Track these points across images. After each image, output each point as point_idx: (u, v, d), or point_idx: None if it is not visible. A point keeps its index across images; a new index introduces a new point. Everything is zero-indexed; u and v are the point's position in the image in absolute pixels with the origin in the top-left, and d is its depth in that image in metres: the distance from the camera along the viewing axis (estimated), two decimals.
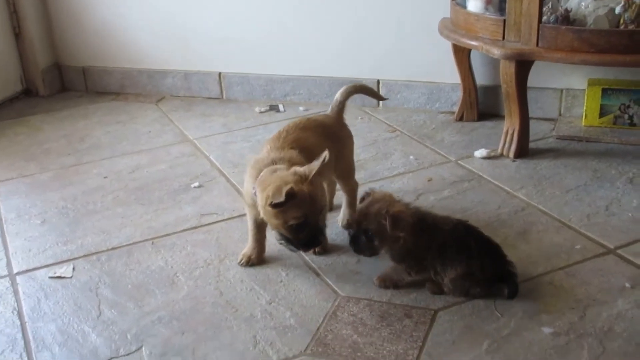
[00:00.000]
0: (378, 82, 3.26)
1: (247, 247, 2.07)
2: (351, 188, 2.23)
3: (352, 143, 2.26)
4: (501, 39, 2.59)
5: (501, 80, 2.63)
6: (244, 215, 2.23)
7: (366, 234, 1.82)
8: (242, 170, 2.63)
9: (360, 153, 2.75)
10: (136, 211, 2.43)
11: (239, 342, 1.74)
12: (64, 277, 2.06)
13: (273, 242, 2.07)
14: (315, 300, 1.89)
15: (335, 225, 2.23)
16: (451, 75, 3.07)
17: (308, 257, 2.05)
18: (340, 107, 2.23)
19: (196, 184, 2.60)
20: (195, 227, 2.29)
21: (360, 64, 3.27)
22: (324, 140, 2.07)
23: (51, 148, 3.05)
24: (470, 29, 2.71)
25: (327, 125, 2.17)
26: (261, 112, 3.33)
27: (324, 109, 2.17)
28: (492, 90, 3.07)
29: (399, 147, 2.84)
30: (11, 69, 3.66)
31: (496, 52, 2.56)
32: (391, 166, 2.67)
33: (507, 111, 2.68)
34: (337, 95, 2.24)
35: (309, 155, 1.95)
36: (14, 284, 2.05)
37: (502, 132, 2.71)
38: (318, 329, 1.77)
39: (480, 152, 2.69)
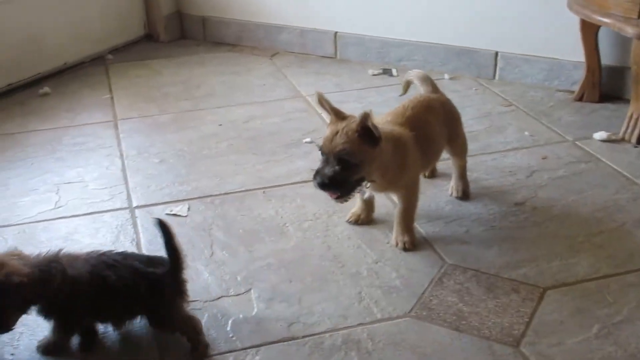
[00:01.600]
0: (496, 54, 3.19)
1: (356, 206, 2.09)
2: (464, 163, 2.21)
3: (461, 121, 2.22)
4: (636, 17, 2.47)
5: (631, 62, 2.52)
6: None
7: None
8: None
9: (472, 124, 2.72)
10: (249, 160, 2.49)
11: (344, 296, 1.78)
12: (179, 215, 2.15)
13: (383, 204, 2.08)
14: (421, 265, 1.90)
15: (446, 194, 2.22)
16: (574, 52, 2.96)
17: (416, 222, 2.05)
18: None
19: (308, 139, 2.64)
20: (306, 181, 2.33)
21: (478, 34, 3.19)
22: (443, 125, 2.06)
23: (169, 92, 3.15)
24: (602, 5, 2.59)
25: (445, 106, 2.13)
26: (374, 75, 3.32)
27: (438, 77, 2.14)
28: (618, 72, 2.94)
29: (514, 122, 2.78)
30: (135, 14, 3.79)
31: (630, 30, 2.45)
32: (505, 140, 2.62)
33: (634, 94, 2.57)
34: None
35: (425, 141, 1.94)
36: (133, 216, 2.15)
37: (626, 116, 2.61)
38: (423, 293, 1.78)
39: (600, 135, 2.60)
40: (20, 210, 2.19)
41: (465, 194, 2.19)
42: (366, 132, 1.71)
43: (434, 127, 2.02)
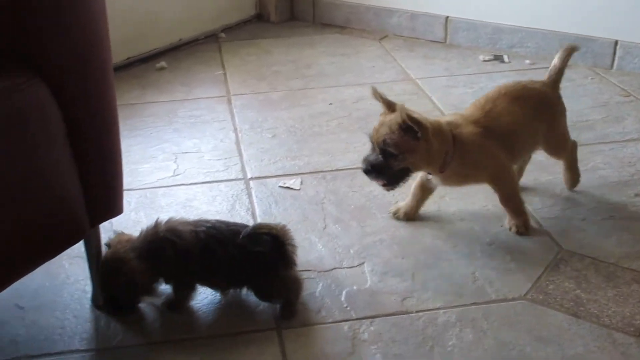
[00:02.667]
0: (615, 43, 3.08)
1: (405, 200, 2.04)
2: (566, 158, 2.11)
3: (564, 116, 2.06)
4: None
5: None
6: None
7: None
8: None
9: (588, 113, 2.64)
10: (359, 139, 2.51)
11: (457, 275, 1.77)
12: (292, 189, 2.19)
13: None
14: (536, 249, 1.87)
15: (562, 181, 2.17)
16: None
17: (531, 208, 2.02)
18: (559, 75, 2.02)
19: None
20: None
21: (596, 21, 3.09)
22: (532, 119, 1.93)
23: (280, 71, 3.21)
24: None
25: (543, 98, 1.98)
26: (484, 61, 3.27)
27: (549, 65, 2.07)
28: None
29: (633, 113, 2.68)
30: None
31: None
32: (623, 130, 2.54)
33: None
34: (556, 61, 2.02)
35: (506, 136, 1.87)
36: (247, 187, 2.21)
37: None
38: (539, 278, 1.75)
39: None
40: (141, 176, 2.29)
41: (572, 187, 2.12)
42: (409, 125, 1.72)
43: (520, 120, 1.90)
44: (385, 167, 1.78)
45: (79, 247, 1.78)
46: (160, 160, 2.41)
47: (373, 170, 1.79)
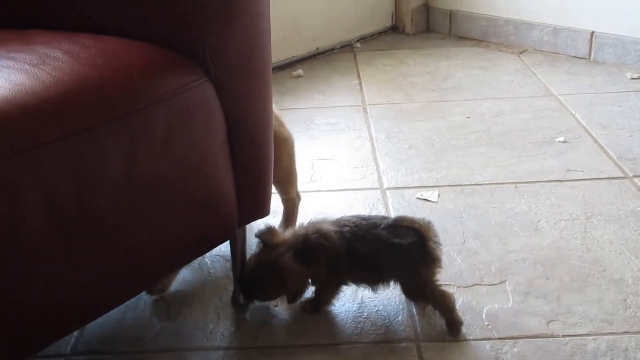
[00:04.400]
0: None
1: None
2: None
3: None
4: None
5: None
6: (613, 178, 2.16)
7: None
8: (611, 133, 2.53)
9: None
10: (499, 154, 2.45)
11: (607, 301, 1.68)
12: (429, 201, 2.16)
13: None
14: None
15: None
16: None
17: None
18: None
19: (561, 138, 2.53)
20: (560, 181, 2.24)
21: None
22: None
23: (416, 82, 3.18)
24: None
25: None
26: (633, 79, 3.11)
27: None
28: None
29: None
30: (385, 6, 3.88)
31: None
32: None
33: None
34: None
35: None
36: (384, 197, 2.20)
37: None
38: None
39: None
40: None
41: None
42: None
43: None
44: None
45: (221, 246, 1.84)
46: (297, 166, 2.44)
47: None
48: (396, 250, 1.56)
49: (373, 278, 1.64)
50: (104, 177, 1.17)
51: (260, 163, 1.51)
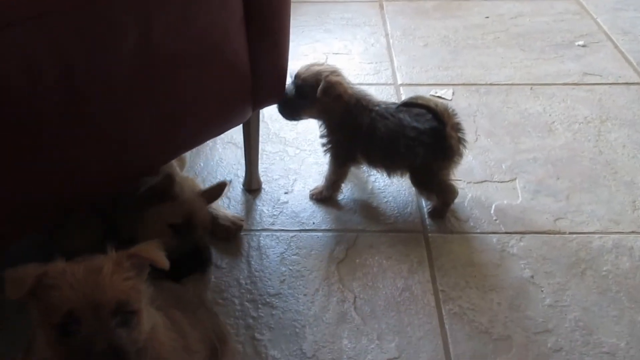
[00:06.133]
0: None
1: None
2: None
3: None
4: None
5: None
6: (631, 84, 2.12)
7: (298, 90, 1.60)
8: (632, 39, 2.47)
9: None
10: (516, 55, 2.40)
11: (616, 202, 1.69)
12: (443, 98, 2.13)
13: None
14: None
15: None
16: None
17: None
18: None
19: (580, 42, 2.48)
20: (576, 84, 2.21)
21: None
22: None
23: None
24: None
25: None
26: None
27: None
28: None
29: None
30: None
31: None
32: None
33: None
34: None
35: None
36: (397, 93, 2.18)
37: None
38: None
39: None
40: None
41: None
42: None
43: None
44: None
45: (231, 134, 1.84)
46: (311, 58, 2.40)
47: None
48: (411, 133, 1.55)
49: (386, 157, 1.62)
50: (119, 49, 1.15)
51: (275, 47, 1.48)
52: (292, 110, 1.64)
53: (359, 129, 1.59)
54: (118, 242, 0.94)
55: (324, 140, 1.66)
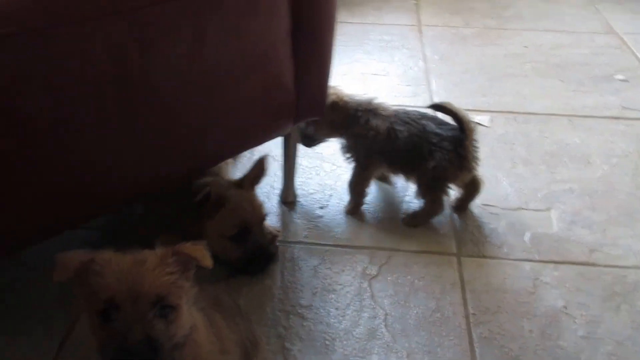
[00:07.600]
0: None
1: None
2: None
3: None
4: None
5: None
6: None
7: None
8: None
9: None
10: (555, 85, 2.40)
11: None
12: (481, 125, 2.14)
13: None
14: None
15: None
16: None
17: None
18: None
19: (620, 76, 2.47)
20: (616, 118, 2.20)
21: None
22: None
23: (475, 8, 3.10)
24: None
25: None
26: None
27: None
28: None
29: None
30: None
31: None
32: None
33: None
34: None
35: None
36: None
37: None
38: None
39: None
40: None
41: None
42: None
43: None
44: None
45: (269, 146, 1.85)
46: (348, 78, 2.43)
47: None
48: (432, 138, 1.60)
49: (405, 162, 1.65)
50: (171, 53, 1.17)
51: (319, 64, 1.49)
52: (306, 136, 1.73)
53: (373, 131, 1.63)
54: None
55: (346, 154, 1.71)
